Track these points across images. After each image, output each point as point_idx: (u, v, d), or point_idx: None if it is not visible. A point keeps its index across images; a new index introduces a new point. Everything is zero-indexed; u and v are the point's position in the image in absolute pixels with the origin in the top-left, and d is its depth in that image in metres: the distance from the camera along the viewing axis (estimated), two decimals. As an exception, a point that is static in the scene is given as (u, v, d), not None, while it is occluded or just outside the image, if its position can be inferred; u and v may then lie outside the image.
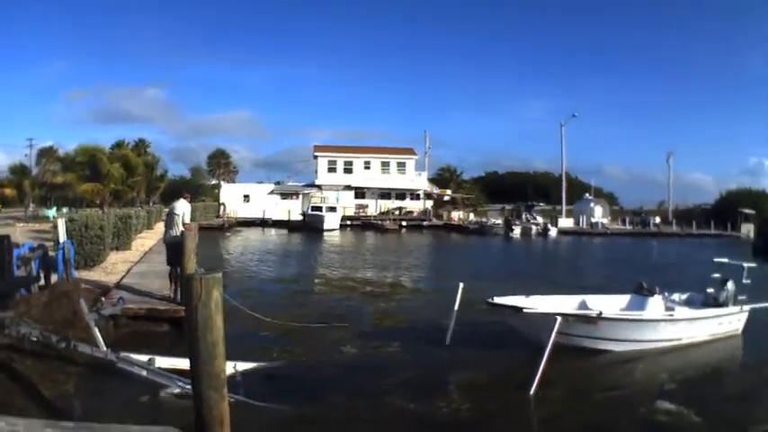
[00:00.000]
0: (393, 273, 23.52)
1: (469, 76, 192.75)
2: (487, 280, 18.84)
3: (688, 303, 12.58)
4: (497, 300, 10.64)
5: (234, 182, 79.81)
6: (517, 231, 53.80)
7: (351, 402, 7.83)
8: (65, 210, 51.97)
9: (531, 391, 8.22)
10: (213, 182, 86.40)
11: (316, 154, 67.21)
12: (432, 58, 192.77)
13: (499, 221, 59.36)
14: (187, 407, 5.28)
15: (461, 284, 11.28)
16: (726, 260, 13.14)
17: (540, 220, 60.67)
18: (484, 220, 63.60)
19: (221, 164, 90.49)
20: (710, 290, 12.68)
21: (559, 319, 9.17)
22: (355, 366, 9.69)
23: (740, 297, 12.38)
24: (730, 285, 12.37)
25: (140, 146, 72.80)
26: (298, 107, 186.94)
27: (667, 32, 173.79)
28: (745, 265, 12.66)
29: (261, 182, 70.42)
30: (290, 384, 8.45)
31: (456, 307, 11.03)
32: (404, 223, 59.31)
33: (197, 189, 76.78)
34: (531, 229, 55.23)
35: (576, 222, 65.02)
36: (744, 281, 12.44)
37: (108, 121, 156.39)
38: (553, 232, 55.09)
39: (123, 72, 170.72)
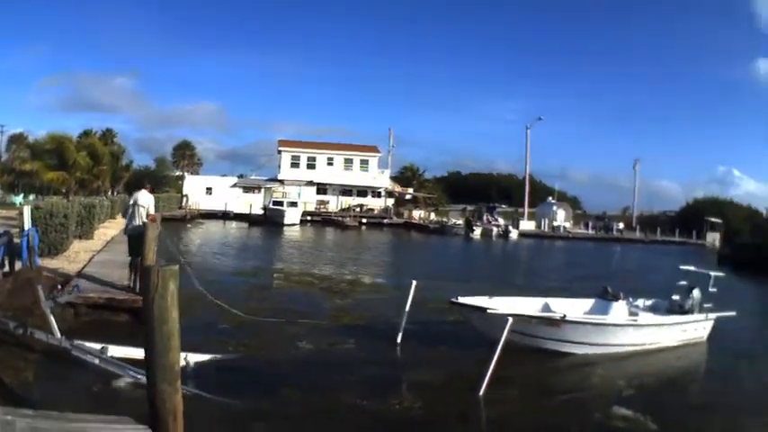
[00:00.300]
0: (351, 269, 23.70)
1: (436, 76, 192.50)
2: (444, 280, 18.96)
3: (653, 309, 12.76)
4: (461, 299, 10.62)
5: (198, 173, 78.84)
6: (477, 232, 54.15)
7: (305, 398, 7.90)
8: (31, 197, 51.33)
9: (481, 392, 8.26)
10: (177, 173, 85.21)
11: (280, 149, 66.58)
12: (401, 56, 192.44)
13: (460, 222, 59.76)
14: (141, 396, 5.34)
15: (414, 282, 11.38)
16: (692, 268, 13.44)
17: (501, 221, 61.19)
18: (445, 219, 63.88)
19: (186, 155, 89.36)
20: (676, 297, 12.92)
21: (510, 319, 9.14)
22: (311, 362, 9.78)
23: (706, 305, 12.61)
24: (696, 293, 12.59)
25: (107, 135, 71.99)
26: (264, 101, 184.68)
27: (638, 37, 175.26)
28: (712, 273, 12.99)
29: (224, 174, 69.68)
30: (245, 378, 8.54)
31: (408, 306, 11.10)
32: (364, 220, 59.16)
33: (161, 180, 75.86)
34: (491, 230, 55.61)
35: (538, 225, 65.60)
36: (710, 289, 12.72)
37: (77, 109, 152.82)
38: (514, 234, 55.48)
39: (93, 60, 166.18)
